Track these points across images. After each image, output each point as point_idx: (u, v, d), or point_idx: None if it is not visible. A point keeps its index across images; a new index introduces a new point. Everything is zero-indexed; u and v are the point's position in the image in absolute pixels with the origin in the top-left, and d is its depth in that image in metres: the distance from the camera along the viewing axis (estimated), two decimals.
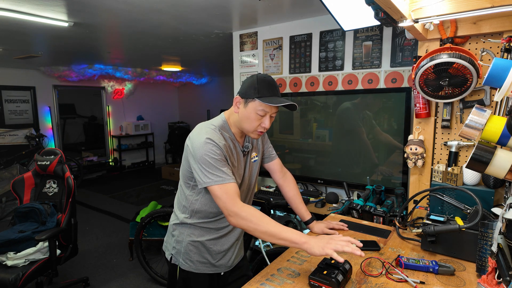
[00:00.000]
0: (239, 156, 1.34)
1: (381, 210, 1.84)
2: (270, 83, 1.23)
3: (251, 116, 1.23)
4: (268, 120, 1.24)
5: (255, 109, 1.22)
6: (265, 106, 1.21)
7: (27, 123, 5.88)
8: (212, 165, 1.17)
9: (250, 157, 1.41)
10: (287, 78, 2.84)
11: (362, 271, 1.15)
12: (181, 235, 1.34)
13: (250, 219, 1.12)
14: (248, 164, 1.40)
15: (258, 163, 1.47)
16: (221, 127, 1.30)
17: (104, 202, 5.32)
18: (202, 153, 1.18)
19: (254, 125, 1.25)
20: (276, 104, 1.19)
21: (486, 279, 0.99)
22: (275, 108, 1.24)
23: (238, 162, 1.33)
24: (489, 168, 1.00)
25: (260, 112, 1.22)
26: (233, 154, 1.29)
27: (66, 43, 3.70)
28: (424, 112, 1.58)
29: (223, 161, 1.20)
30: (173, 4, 2.32)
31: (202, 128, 1.27)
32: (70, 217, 2.40)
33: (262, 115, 1.23)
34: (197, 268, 1.33)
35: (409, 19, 1.26)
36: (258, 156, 1.47)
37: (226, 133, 1.30)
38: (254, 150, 1.44)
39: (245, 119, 1.25)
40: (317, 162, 2.62)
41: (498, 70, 0.98)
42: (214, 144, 1.19)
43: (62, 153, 2.58)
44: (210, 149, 1.18)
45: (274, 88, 1.24)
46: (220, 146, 1.20)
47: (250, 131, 1.27)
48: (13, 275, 2.02)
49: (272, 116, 1.27)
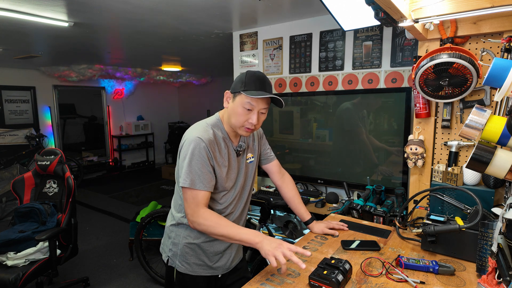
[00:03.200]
0: (231, 155, 1.32)
1: (381, 210, 1.84)
2: (259, 78, 1.22)
3: (238, 110, 1.22)
4: (255, 116, 1.22)
5: (242, 103, 1.21)
6: (251, 99, 1.20)
7: (27, 123, 5.89)
8: (192, 166, 1.19)
9: (245, 158, 1.40)
10: (287, 78, 2.84)
11: (362, 271, 1.15)
12: (178, 237, 1.33)
13: (207, 224, 1.18)
14: (243, 165, 1.38)
15: (254, 164, 1.46)
16: (214, 125, 1.29)
17: (104, 202, 5.32)
18: (188, 152, 1.20)
19: (241, 120, 1.23)
20: (258, 96, 1.18)
21: (486, 279, 0.99)
22: (263, 103, 1.23)
23: (229, 162, 1.31)
24: (489, 168, 1.00)
25: (246, 105, 1.20)
26: (221, 154, 1.28)
27: (66, 43, 3.70)
28: (424, 112, 1.58)
29: (207, 164, 1.21)
30: (173, 4, 2.32)
31: (196, 127, 1.27)
32: (70, 217, 2.40)
33: (249, 109, 1.21)
34: (193, 271, 1.33)
35: (409, 19, 1.26)
36: (254, 157, 1.45)
37: (219, 132, 1.29)
38: (249, 151, 1.43)
39: (233, 114, 1.24)
40: (317, 162, 2.61)
41: (498, 70, 0.98)
42: (202, 144, 1.20)
43: (62, 153, 2.58)
44: (197, 149, 1.19)
45: (263, 83, 1.22)
46: (208, 147, 1.21)
47: (238, 126, 1.25)
48: (13, 275, 2.02)
49: (262, 113, 1.25)
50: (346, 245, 1.34)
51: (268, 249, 1.06)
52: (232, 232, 1.16)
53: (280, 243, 1.08)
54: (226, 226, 1.17)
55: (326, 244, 1.38)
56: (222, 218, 1.21)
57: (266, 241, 1.10)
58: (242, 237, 1.15)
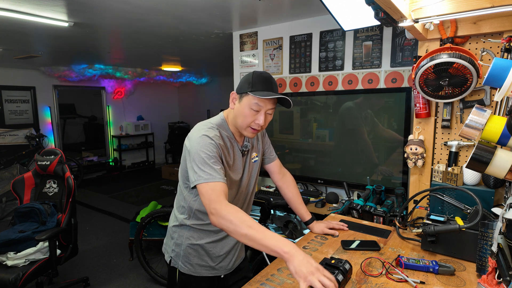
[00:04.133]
0: (236, 155, 1.32)
1: (381, 210, 1.84)
2: (266, 78, 1.21)
3: (245, 112, 1.20)
4: (262, 116, 1.21)
5: (249, 104, 1.19)
6: (258, 100, 1.18)
7: (27, 123, 5.89)
8: (204, 162, 1.13)
9: (250, 157, 1.39)
10: (287, 78, 2.84)
11: (362, 271, 1.15)
12: (180, 238, 1.33)
13: (230, 219, 1.01)
14: (248, 164, 1.38)
15: (258, 163, 1.45)
16: (219, 125, 1.28)
17: (104, 202, 5.32)
18: (197, 149, 1.15)
19: (247, 121, 1.21)
20: (267, 97, 1.16)
21: (486, 279, 0.99)
22: (270, 104, 1.21)
23: (235, 162, 1.31)
24: (489, 168, 1.00)
25: (254, 106, 1.19)
26: (229, 154, 1.27)
27: (66, 43, 3.70)
28: (424, 112, 1.58)
29: (217, 159, 1.16)
30: (173, 4, 2.32)
31: (201, 126, 1.25)
32: (70, 217, 2.40)
33: (256, 110, 1.20)
34: (196, 271, 1.32)
35: (409, 19, 1.26)
36: (258, 156, 1.45)
37: (225, 132, 1.28)
38: (254, 150, 1.42)
39: (239, 115, 1.22)
40: (317, 162, 2.61)
41: (498, 70, 0.98)
42: (210, 141, 1.17)
43: (62, 153, 2.58)
44: (205, 145, 1.16)
45: (270, 84, 1.20)
46: (216, 144, 1.17)
47: (243, 127, 1.23)
48: (13, 275, 2.02)
49: (268, 114, 1.23)
50: (346, 245, 1.34)
51: (302, 270, 0.88)
52: (258, 234, 0.98)
53: (318, 269, 0.90)
54: (251, 227, 0.99)
55: (326, 244, 1.38)
56: (247, 215, 1.04)
57: (299, 257, 0.91)
58: (269, 242, 0.96)
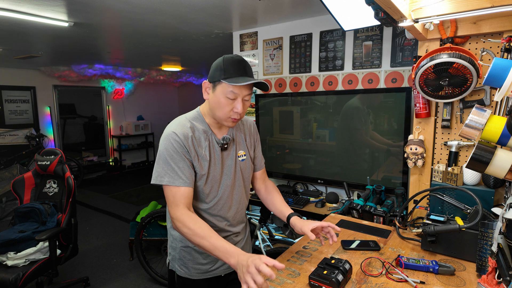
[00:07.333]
0: (213, 149, 1.23)
1: (381, 210, 1.84)
2: (239, 61, 1.13)
3: (221, 101, 1.13)
4: (240, 104, 1.13)
5: (224, 92, 1.12)
6: (234, 88, 1.10)
7: (27, 123, 5.89)
8: (167, 161, 1.13)
9: (235, 154, 1.31)
10: (287, 78, 2.84)
11: (362, 271, 1.15)
12: (174, 241, 1.30)
13: (184, 230, 1.08)
14: (231, 161, 1.28)
15: (247, 162, 1.35)
16: (193, 118, 1.23)
17: (104, 202, 5.32)
18: (162, 148, 1.16)
19: (226, 111, 1.14)
20: (243, 83, 1.07)
21: (486, 279, 0.99)
22: (246, 89, 1.13)
23: (212, 156, 1.22)
24: (489, 168, 1.00)
25: (229, 95, 1.11)
26: (203, 147, 1.20)
27: (66, 43, 3.70)
28: (424, 112, 1.58)
29: (181, 156, 1.14)
30: (173, 4, 2.32)
31: (174, 121, 1.22)
32: (70, 217, 2.40)
33: (232, 99, 1.12)
34: (192, 275, 1.28)
35: (409, 19, 1.26)
36: (247, 155, 1.35)
37: (200, 125, 1.22)
38: (240, 147, 1.33)
39: (215, 106, 1.16)
40: (317, 162, 2.61)
41: (498, 70, 0.98)
42: (176, 137, 1.14)
43: (62, 153, 2.58)
44: (170, 143, 1.14)
45: (243, 68, 1.13)
46: (181, 140, 1.14)
47: (223, 118, 1.17)
48: (14, 275, 2.02)
49: (246, 100, 1.16)
50: (346, 245, 1.34)
51: (240, 275, 0.92)
52: (209, 246, 1.02)
53: (247, 265, 0.90)
54: (203, 238, 1.03)
55: (326, 244, 1.38)
56: (201, 224, 1.07)
57: (239, 264, 0.94)
58: (218, 254, 1.01)
